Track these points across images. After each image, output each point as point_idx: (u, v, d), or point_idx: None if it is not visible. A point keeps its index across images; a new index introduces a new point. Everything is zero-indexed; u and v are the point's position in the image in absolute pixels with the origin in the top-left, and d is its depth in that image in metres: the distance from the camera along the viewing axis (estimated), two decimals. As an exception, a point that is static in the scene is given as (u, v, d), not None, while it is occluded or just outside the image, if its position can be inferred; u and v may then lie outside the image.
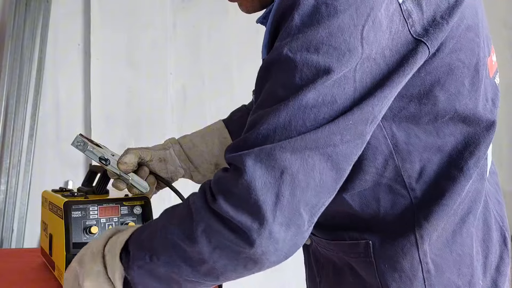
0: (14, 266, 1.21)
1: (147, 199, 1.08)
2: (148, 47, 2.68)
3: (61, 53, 2.69)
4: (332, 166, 0.66)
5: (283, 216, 0.64)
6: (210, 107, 2.76)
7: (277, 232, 0.64)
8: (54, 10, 2.67)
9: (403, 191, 0.77)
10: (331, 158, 0.66)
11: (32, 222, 2.58)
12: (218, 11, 2.79)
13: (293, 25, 0.67)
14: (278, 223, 0.64)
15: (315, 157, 0.65)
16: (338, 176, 0.67)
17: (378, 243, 0.79)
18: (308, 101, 0.65)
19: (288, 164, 0.64)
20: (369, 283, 0.81)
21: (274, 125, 0.66)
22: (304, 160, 0.64)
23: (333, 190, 0.68)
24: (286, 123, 0.65)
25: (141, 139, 2.62)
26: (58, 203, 1.05)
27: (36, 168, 2.61)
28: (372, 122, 0.68)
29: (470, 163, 0.77)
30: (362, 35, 0.66)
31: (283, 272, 2.77)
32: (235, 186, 0.65)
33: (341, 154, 0.66)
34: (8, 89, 2.52)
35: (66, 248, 0.99)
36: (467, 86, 0.76)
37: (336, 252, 0.86)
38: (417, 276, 0.78)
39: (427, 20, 0.69)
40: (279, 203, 0.64)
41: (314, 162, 0.65)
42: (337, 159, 0.66)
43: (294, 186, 0.64)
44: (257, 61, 2.71)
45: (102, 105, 2.66)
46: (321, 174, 0.65)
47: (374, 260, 0.79)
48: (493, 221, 0.85)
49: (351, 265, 0.84)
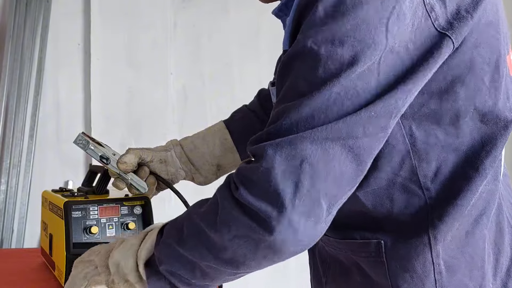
0: (14, 266, 1.21)
1: (147, 199, 1.08)
2: (148, 47, 2.68)
3: (61, 53, 2.69)
4: (353, 158, 0.66)
5: (302, 205, 0.64)
6: (210, 107, 2.76)
7: (296, 221, 0.64)
8: (54, 10, 2.66)
9: (418, 191, 0.76)
10: (352, 150, 0.65)
11: (32, 222, 2.58)
12: (218, 11, 2.79)
13: (317, 17, 0.67)
14: (297, 212, 0.64)
15: (336, 148, 0.65)
16: (359, 168, 0.67)
17: (390, 243, 0.78)
18: (332, 95, 0.65)
19: (309, 154, 0.64)
20: (378, 284, 0.81)
21: (297, 118, 0.66)
22: (325, 151, 0.64)
23: (353, 182, 0.68)
24: (308, 116, 0.65)
25: (141, 139, 2.62)
26: (58, 203, 1.05)
27: (36, 168, 2.60)
28: (395, 116, 0.68)
29: (486, 163, 0.76)
30: (387, 28, 0.65)
31: (286, 273, 2.77)
32: (255, 174, 0.66)
33: (363, 147, 0.66)
34: (8, 89, 2.52)
35: (66, 248, 0.99)
36: (486, 83, 0.75)
37: (344, 251, 0.85)
38: (429, 277, 0.77)
39: (450, 13, 0.69)
40: (298, 192, 0.64)
41: (335, 153, 0.65)
42: (359, 151, 0.66)
43: (313, 176, 0.64)
44: (257, 61, 2.71)
45: (102, 105, 2.66)
46: (341, 166, 0.65)
47: (385, 260, 0.79)
48: (506, 223, 0.83)
49: (360, 265, 0.83)
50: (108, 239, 1.04)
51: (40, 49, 2.60)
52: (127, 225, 1.05)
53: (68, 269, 0.99)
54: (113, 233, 1.05)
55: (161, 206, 2.65)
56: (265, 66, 2.78)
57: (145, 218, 1.08)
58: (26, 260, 1.26)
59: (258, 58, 2.76)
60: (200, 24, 2.78)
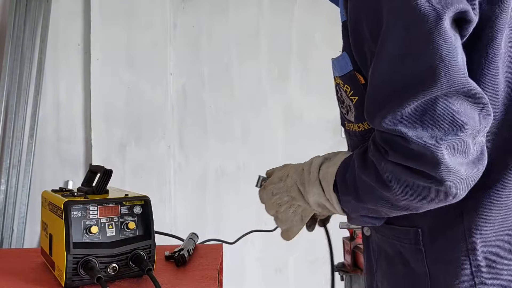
0: (14, 266, 1.21)
1: (147, 199, 1.08)
2: (148, 47, 2.68)
3: (61, 53, 2.69)
4: (472, 103, 0.71)
5: (450, 147, 0.69)
6: (210, 107, 2.76)
7: (452, 164, 0.69)
8: (54, 10, 2.67)
9: None
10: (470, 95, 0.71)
11: (32, 222, 2.58)
12: (218, 11, 2.79)
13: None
14: (448, 155, 0.69)
15: (461, 96, 0.70)
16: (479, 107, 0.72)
17: (427, 231, 0.82)
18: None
19: (448, 108, 0.69)
20: (417, 272, 0.83)
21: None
22: (457, 101, 0.70)
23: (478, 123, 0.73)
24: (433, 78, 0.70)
25: (141, 139, 2.62)
26: (58, 203, 1.05)
27: (36, 168, 2.61)
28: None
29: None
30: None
31: (285, 274, 2.77)
32: (400, 138, 0.72)
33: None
34: (8, 89, 2.52)
35: (66, 248, 0.99)
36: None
37: (391, 238, 0.90)
38: (464, 269, 0.78)
39: None
40: (446, 139, 0.69)
41: (463, 101, 0.70)
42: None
43: (455, 124, 0.69)
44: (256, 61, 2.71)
45: (102, 105, 2.66)
46: (472, 111, 0.70)
47: (423, 248, 0.82)
48: None
49: (402, 254, 0.87)
50: (108, 239, 1.04)
51: (40, 49, 2.60)
52: (127, 225, 1.05)
53: (68, 269, 0.99)
54: (113, 233, 1.05)
55: (161, 206, 2.66)
56: (264, 66, 2.78)
57: (145, 218, 1.08)
58: (26, 260, 1.26)
59: (258, 58, 2.76)
60: (200, 24, 2.78)
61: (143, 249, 1.06)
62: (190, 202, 2.73)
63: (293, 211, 0.99)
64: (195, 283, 1.05)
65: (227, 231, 2.42)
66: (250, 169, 2.78)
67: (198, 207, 2.74)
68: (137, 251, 1.05)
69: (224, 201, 2.77)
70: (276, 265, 2.78)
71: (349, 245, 1.63)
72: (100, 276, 0.96)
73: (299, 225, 1.00)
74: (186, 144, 2.76)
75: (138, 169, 2.61)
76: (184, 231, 1.83)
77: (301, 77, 2.79)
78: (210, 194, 2.76)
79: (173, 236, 1.58)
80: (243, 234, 1.80)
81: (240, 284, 2.76)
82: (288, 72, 2.78)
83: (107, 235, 1.04)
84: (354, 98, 0.87)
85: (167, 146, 2.64)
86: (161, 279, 1.02)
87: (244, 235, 1.80)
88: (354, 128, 0.91)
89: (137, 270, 1.05)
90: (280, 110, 2.78)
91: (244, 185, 2.77)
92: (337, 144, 2.70)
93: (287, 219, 1.00)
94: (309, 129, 2.78)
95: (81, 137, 2.71)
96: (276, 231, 1.81)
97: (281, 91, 2.78)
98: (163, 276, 1.09)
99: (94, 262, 1.00)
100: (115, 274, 1.03)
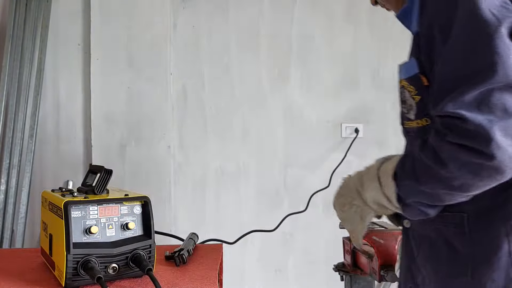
0: (14, 266, 1.21)
1: (147, 199, 1.09)
2: (148, 47, 2.68)
3: (61, 53, 2.69)
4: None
5: (502, 129, 0.81)
6: (210, 107, 2.76)
7: (503, 143, 0.81)
8: (54, 10, 2.67)
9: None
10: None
11: (32, 222, 2.58)
12: (218, 11, 2.79)
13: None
14: (500, 136, 0.81)
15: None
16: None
17: (472, 216, 0.97)
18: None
19: (501, 98, 0.82)
20: (461, 253, 0.98)
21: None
22: (509, 94, 0.82)
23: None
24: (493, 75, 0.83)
25: (141, 139, 2.62)
26: (58, 203, 1.05)
27: (36, 168, 2.61)
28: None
29: None
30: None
31: (285, 274, 2.77)
32: (461, 117, 0.84)
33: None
34: (8, 89, 2.52)
35: (66, 248, 0.99)
36: None
37: (437, 224, 1.04)
38: (503, 248, 0.93)
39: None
40: (500, 122, 0.82)
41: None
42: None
43: (507, 112, 0.82)
44: (256, 61, 2.72)
45: (102, 105, 2.66)
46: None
47: (468, 231, 0.98)
48: None
49: (446, 237, 1.02)
50: (108, 239, 1.04)
51: (40, 49, 2.60)
52: (127, 225, 1.05)
53: (68, 269, 0.99)
54: (113, 232, 1.05)
55: (161, 206, 2.66)
56: (264, 66, 2.78)
57: (145, 218, 1.08)
58: (26, 260, 1.26)
59: (258, 59, 2.76)
60: (200, 24, 2.78)
61: (143, 249, 1.06)
62: (190, 202, 2.73)
63: (354, 210, 1.14)
64: (195, 283, 1.05)
65: (227, 231, 2.42)
66: (250, 169, 2.78)
67: (198, 207, 2.74)
68: (137, 251, 1.05)
69: (224, 201, 2.77)
70: (276, 265, 2.78)
71: (349, 245, 1.63)
72: (100, 276, 0.96)
73: (359, 224, 1.14)
74: (186, 144, 2.76)
75: (138, 169, 2.61)
76: (184, 231, 1.83)
77: (301, 77, 2.79)
78: (210, 194, 2.76)
79: (173, 236, 1.58)
80: (243, 234, 1.80)
81: (240, 284, 2.76)
82: (288, 72, 2.78)
83: (107, 235, 1.04)
84: (417, 98, 1.02)
85: (167, 146, 2.64)
86: (161, 279, 1.02)
87: (244, 235, 1.80)
88: (413, 124, 1.06)
89: (137, 270, 1.05)
90: (280, 110, 2.78)
91: (244, 185, 2.77)
92: (337, 144, 2.69)
93: (349, 218, 1.15)
94: (309, 129, 2.78)
95: (81, 137, 2.71)
96: (276, 231, 1.81)
97: (281, 91, 2.78)
98: (163, 276, 1.10)
99: (94, 262, 1.00)
100: (115, 274, 1.04)
